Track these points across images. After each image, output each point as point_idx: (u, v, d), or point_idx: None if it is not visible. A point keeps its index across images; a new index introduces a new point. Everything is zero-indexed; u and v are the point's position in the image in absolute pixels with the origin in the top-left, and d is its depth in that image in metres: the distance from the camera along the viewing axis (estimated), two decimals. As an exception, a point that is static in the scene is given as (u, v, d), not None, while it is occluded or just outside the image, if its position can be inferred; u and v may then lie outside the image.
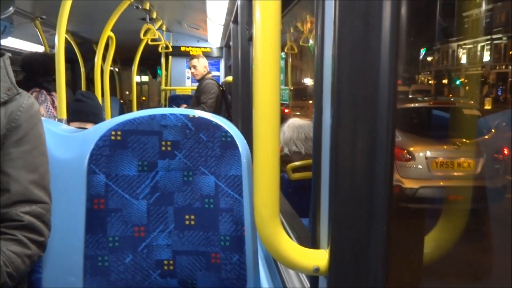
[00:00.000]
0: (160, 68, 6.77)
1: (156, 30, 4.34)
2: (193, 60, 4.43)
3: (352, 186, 0.65)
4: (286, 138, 2.04)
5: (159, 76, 8.55)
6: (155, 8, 4.07)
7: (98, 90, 3.36)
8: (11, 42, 4.72)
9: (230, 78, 3.49)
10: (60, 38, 2.31)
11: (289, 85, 4.75)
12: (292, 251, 0.73)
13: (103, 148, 1.13)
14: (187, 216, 1.14)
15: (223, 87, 4.51)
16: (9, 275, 0.92)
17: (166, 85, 6.46)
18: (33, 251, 0.97)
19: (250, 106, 0.73)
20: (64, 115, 2.33)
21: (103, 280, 1.12)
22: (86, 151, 1.13)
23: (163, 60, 6.36)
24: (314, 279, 0.80)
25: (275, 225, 0.73)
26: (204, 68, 4.38)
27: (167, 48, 5.94)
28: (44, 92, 3.06)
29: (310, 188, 0.80)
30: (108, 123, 1.16)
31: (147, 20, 4.06)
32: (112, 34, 3.37)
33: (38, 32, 4.10)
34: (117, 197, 1.13)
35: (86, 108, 2.41)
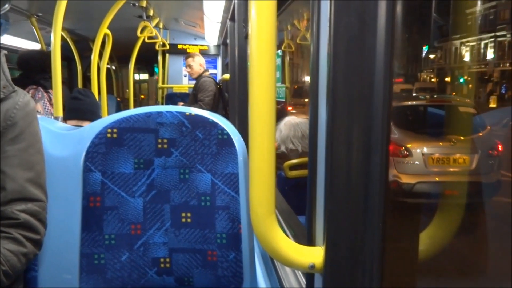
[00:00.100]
0: (157, 66, 6.75)
1: (153, 27, 4.33)
2: (188, 59, 4.43)
3: (347, 184, 0.65)
4: (282, 136, 2.04)
5: (156, 74, 8.53)
6: (151, 5, 4.06)
7: (95, 88, 3.36)
8: (7, 40, 4.70)
9: (227, 76, 3.49)
10: (56, 35, 2.30)
11: (286, 83, 4.74)
12: (287, 248, 0.73)
13: (99, 146, 1.12)
14: (183, 214, 1.14)
15: (221, 85, 4.50)
16: (4, 273, 0.92)
17: (163, 83, 6.45)
18: (29, 249, 0.97)
19: (247, 104, 0.73)
20: (60, 113, 2.32)
21: (99, 278, 1.11)
22: (82, 148, 1.12)
23: (160, 58, 6.35)
24: (310, 276, 0.80)
25: (271, 222, 0.73)
26: (199, 66, 4.37)
27: (164, 46, 5.93)
28: (41, 89, 3.06)
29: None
30: (104, 120, 1.15)
31: (144, 18, 4.04)
32: (108, 32, 3.36)
33: (34, 29, 4.09)
34: (113, 194, 1.13)
35: (83, 106, 2.40)
